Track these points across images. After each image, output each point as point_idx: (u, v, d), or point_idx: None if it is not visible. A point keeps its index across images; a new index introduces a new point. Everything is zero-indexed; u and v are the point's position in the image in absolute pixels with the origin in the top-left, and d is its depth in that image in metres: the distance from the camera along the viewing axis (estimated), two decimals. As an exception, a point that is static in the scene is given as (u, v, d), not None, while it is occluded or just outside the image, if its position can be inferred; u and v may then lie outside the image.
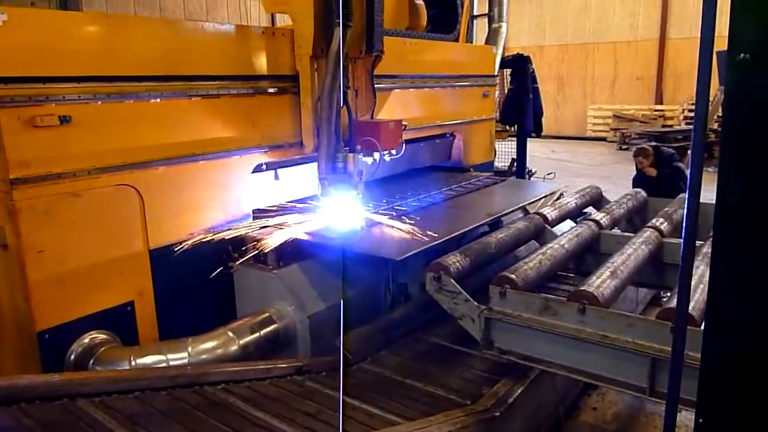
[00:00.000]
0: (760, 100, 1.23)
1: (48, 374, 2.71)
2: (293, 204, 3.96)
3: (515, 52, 8.39)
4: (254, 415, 2.54)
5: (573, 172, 12.50)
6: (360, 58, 4.01)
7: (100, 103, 2.95)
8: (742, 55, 1.22)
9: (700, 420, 1.43)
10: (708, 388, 1.42)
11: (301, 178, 4.16)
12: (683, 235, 1.42)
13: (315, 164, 3.74)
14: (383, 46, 4.00)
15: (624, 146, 16.50)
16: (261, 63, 3.70)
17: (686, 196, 1.38)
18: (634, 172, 7.40)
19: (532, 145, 9.38)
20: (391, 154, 3.88)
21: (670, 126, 17.06)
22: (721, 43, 1.31)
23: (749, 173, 1.28)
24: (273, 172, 4.00)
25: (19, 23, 2.65)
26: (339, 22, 3.42)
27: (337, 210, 3.61)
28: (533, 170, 9.68)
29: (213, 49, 3.46)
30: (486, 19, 7.84)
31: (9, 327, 3.06)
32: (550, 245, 3.59)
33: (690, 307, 2.51)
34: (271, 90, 3.76)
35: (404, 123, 4.05)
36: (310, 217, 3.67)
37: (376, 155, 3.77)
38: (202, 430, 2.39)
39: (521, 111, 8.02)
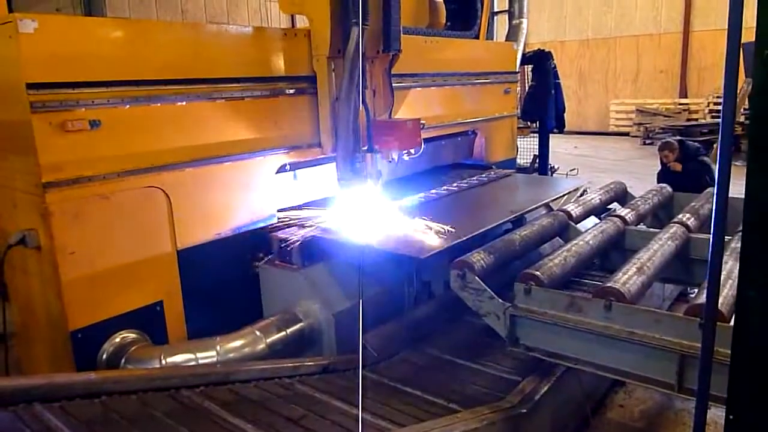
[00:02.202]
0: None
1: (85, 372, 2.77)
2: (314, 205, 3.99)
3: (536, 48, 8.35)
4: (284, 413, 2.58)
5: (596, 168, 12.37)
6: (377, 57, 4.00)
7: (128, 107, 3.01)
8: (769, 49, 1.20)
9: (731, 416, 1.42)
10: (738, 383, 1.41)
11: (322, 178, 4.18)
12: (712, 229, 1.41)
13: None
14: (401, 45, 3.98)
15: (648, 141, 16.26)
16: (282, 64, 3.73)
17: (715, 190, 1.37)
18: (659, 168, 7.30)
19: (554, 141, 9.31)
20: (409, 153, 3.88)
21: (695, 120, 16.78)
22: (748, 34, 1.30)
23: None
24: (293, 173, 4.03)
25: (49, 30, 2.72)
26: (356, 22, 3.41)
27: (358, 209, 3.63)
28: (556, 166, 9.61)
29: (236, 51, 3.51)
30: (506, 16, 7.81)
31: (43, 327, 3.15)
32: (574, 242, 3.57)
33: (719, 303, 2.49)
34: (291, 91, 3.79)
35: (423, 122, 4.04)
36: (332, 216, 3.70)
37: (395, 155, 3.78)
38: (234, 428, 2.42)
39: (543, 107, 7.97)
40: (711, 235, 1.42)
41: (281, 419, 2.54)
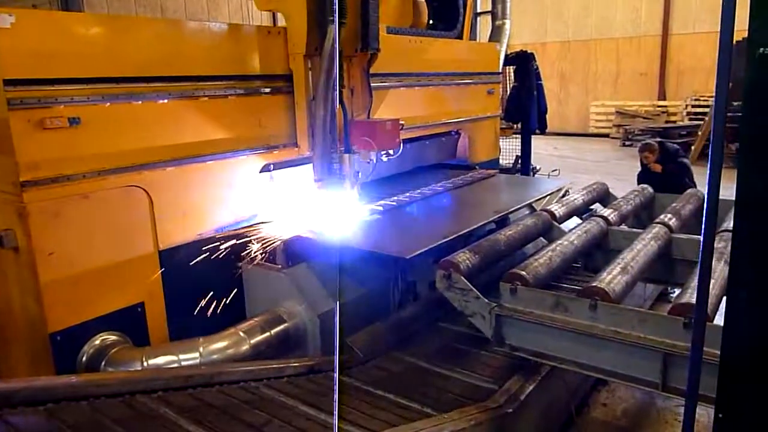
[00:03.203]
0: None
1: (67, 375, 2.70)
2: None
3: (518, 50, 8.39)
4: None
5: (577, 169, 12.48)
6: (355, 56, 3.97)
7: (108, 104, 2.96)
8: (762, 49, 1.21)
9: (720, 415, 1.43)
10: (727, 382, 1.42)
11: (300, 179, 4.12)
12: (702, 229, 1.42)
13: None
14: (379, 44, 3.95)
15: (627, 142, 16.45)
16: (264, 62, 3.69)
17: (706, 190, 1.38)
18: (638, 169, 7.37)
19: (536, 142, 9.36)
20: (388, 154, 3.85)
21: (674, 122, 17.01)
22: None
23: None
24: (269, 174, 3.97)
25: (27, 25, 2.65)
26: (333, 20, 3.37)
27: (339, 209, 3.60)
28: (537, 167, 9.67)
29: (216, 48, 3.46)
30: (489, 17, 7.84)
31: (22, 329, 3.08)
32: (559, 242, 3.58)
33: (687, 299, 2.52)
34: (267, 90, 3.74)
35: (401, 122, 4.01)
36: (313, 217, 3.66)
37: (373, 155, 3.75)
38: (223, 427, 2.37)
39: (525, 108, 8.02)
40: (701, 236, 1.43)
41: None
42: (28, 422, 2.21)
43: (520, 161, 8.61)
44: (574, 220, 4.62)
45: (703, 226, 1.40)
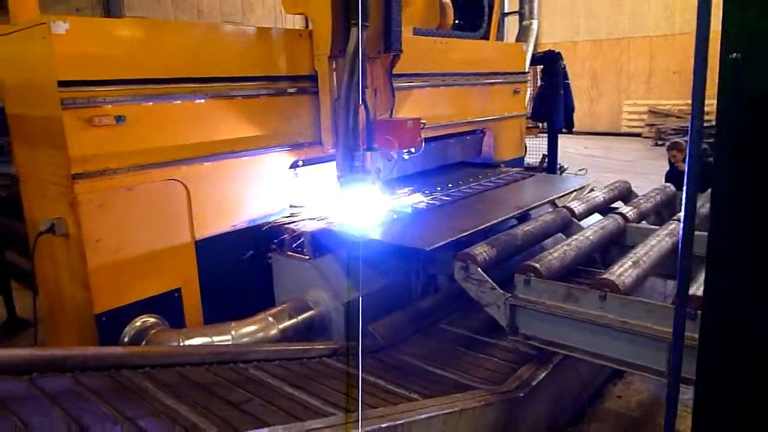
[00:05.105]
0: (751, 96, 1.36)
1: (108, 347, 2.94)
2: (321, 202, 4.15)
3: (547, 49, 8.46)
4: (288, 390, 2.64)
5: (605, 168, 12.44)
6: (378, 57, 4.10)
7: (150, 103, 3.19)
8: (733, 54, 1.34)
9: (699, 388, 1.57)
10: (706, 358, 1.55)
11: (323, 176, 4.32)
12: (682, 223, 1.55)
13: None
14: (401, 45, 4.08)
15: (659, 142, 16.27)
16: (292, 64, 3.89)
17: (684, 186, 1.51)
18: (668, 168, 7.40)
19: (565, 142, 9.42)
20: (410, 152, 4.00)
21: (708, 121, 16.71)
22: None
23: (741, 166, 1.42)
24: (293, 171, 4.17)
25: (79, 31, 2.90)
26: (355, 23, 3.51)
27: (362, 204, 3.77)
28: (565, 166, 9.73)
29: (251, 51, 3.69)
30: (517, 17, 7.94)
31: (69, 311, 3.35)
32: (575, 237, 3.71)
33: (694, 291, 2.63)
34: (295, 90, 3.93)
35: (423, 121, 4.15)
36: (340, 211, 3.85)
37: (394, 153, 3.90)
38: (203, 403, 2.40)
39: (552, 107, 8.09)
40: (681, 228, 1.57)
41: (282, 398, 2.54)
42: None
43: (546, 160, 8.68)
44: (596, 218, 4.71)
45: (682, 219, 1.54)
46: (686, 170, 1.50)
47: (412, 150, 3.99)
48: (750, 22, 1.33)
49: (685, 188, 1.54)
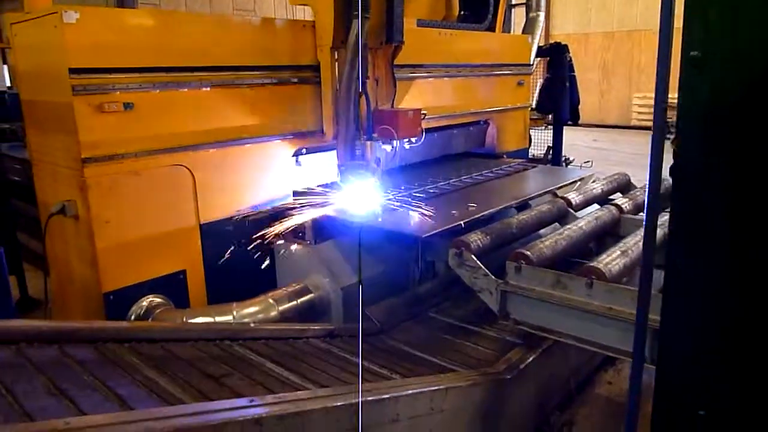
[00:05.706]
0: (711, 94, 1.45)
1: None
2: (325, 188, 4.25)
3: (557, 41, 8.49)
4: (269, 366, 2.71)
5: (612, 161, 12.44)
6: (380, 48, 4.16)
7: (158, 91, 3.32)
8: (692, 52, 1.43)
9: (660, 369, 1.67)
10: (666, 339, 1.65)
11: (324, 164, 4.43)
12: (645, 209, 1.65)
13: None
14: (403, 37, 4.13)
15: (669, 135, 16.20)
16: (295, 54, 3.99)
17: (647, 174, 1.61)
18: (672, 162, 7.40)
19: (574, 134, 9.43)
20: (410, 142, 4.10)
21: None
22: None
23: (702, 156, 1.52)
24: (295, 159, 4.28)
25: (89, 20, 3.03)
26: (357, 14, 3.56)
27: (363, 192, 3.87)
28: (571, 158, 9.77)
29: (256, 41, 3.80)
30: (524, 9, 7.98)
31: (78, 290, 3.49)
32: (568, 226, 3.80)
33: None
34: (297, 80, 4.03)
35: (424, 112, 4.23)
36: (340, 199, 3.95)
37: (395, 143, 4.00)
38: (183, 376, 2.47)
39: (557, 99, 8.13)
40: (644, 214, 1.66)
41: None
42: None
43: (551, 152, 8.73)
44: (593, 209, 4.79)
45: (645, 206, 1.63)
46: (649, 161, 1.60)
47: (413, 140, 4.08)
48: (712, 16, 1.41)
49: (648, 180, 1.64)
